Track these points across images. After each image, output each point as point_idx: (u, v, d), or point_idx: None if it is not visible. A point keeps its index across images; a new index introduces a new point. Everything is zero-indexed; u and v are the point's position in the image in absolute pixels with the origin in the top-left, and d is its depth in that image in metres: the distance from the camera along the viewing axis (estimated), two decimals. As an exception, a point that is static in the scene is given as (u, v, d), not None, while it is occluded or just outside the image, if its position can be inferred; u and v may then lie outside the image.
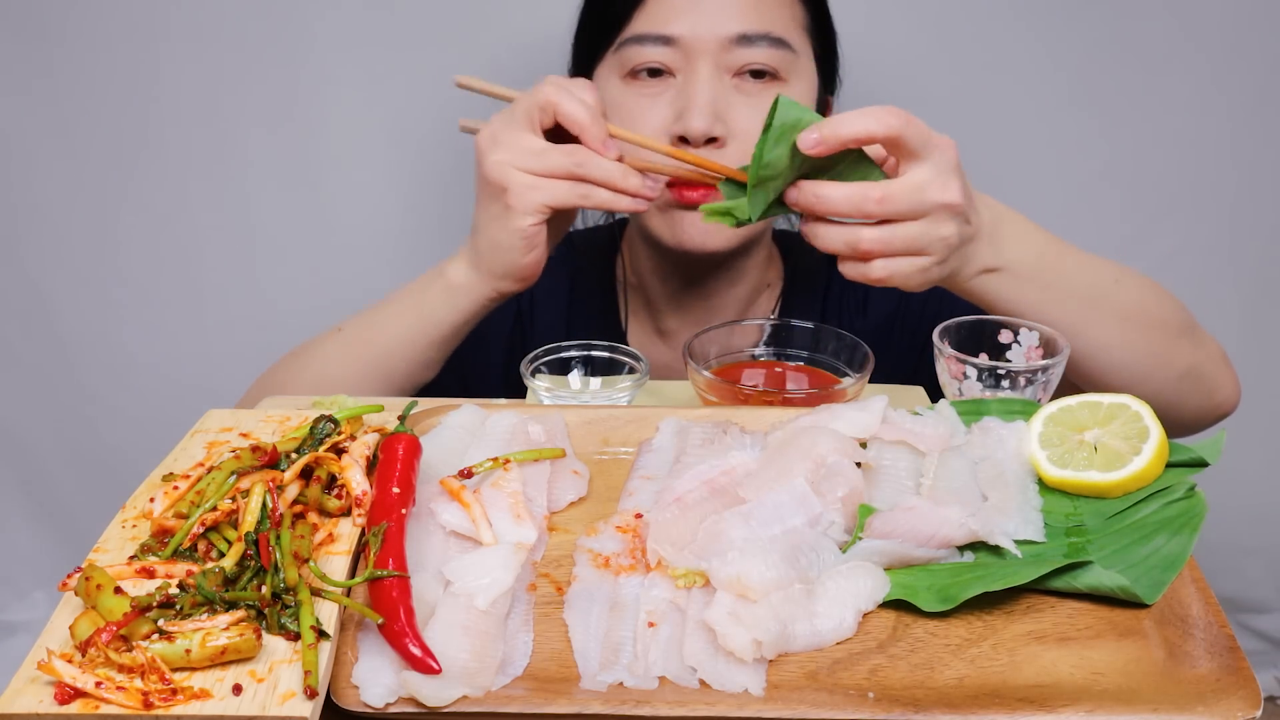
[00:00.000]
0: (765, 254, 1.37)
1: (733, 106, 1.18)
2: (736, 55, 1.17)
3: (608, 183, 1.01)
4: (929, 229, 0.91)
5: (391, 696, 0.64)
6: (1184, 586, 0.74)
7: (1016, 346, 1.01)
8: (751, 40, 1.17)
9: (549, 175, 1.01)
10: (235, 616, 0.65)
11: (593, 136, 1.00)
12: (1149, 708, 0.64)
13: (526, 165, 1.01)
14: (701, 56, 1.17)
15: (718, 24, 1.17)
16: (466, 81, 1.09)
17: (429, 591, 0.71)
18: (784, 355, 1.14)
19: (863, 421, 0.87)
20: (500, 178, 1.02)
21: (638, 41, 1.19)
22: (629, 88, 1.21)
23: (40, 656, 0.61)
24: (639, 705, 0.64)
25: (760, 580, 0.71)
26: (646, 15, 1.19)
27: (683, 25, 1.17)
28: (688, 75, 1.18)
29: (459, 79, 1.08)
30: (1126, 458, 0.82)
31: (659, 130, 1.19)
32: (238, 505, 0.75)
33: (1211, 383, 1.15)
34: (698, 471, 0.83)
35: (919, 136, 0.89)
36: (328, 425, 0.83)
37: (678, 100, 1.18)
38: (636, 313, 1.40)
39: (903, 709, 0.64)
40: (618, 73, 1.21)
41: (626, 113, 1.20)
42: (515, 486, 0.82)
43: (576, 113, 1.00)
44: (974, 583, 0.73)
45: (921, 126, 0.90)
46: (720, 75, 1.18)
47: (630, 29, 1.19)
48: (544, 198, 1.01)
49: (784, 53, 1.19)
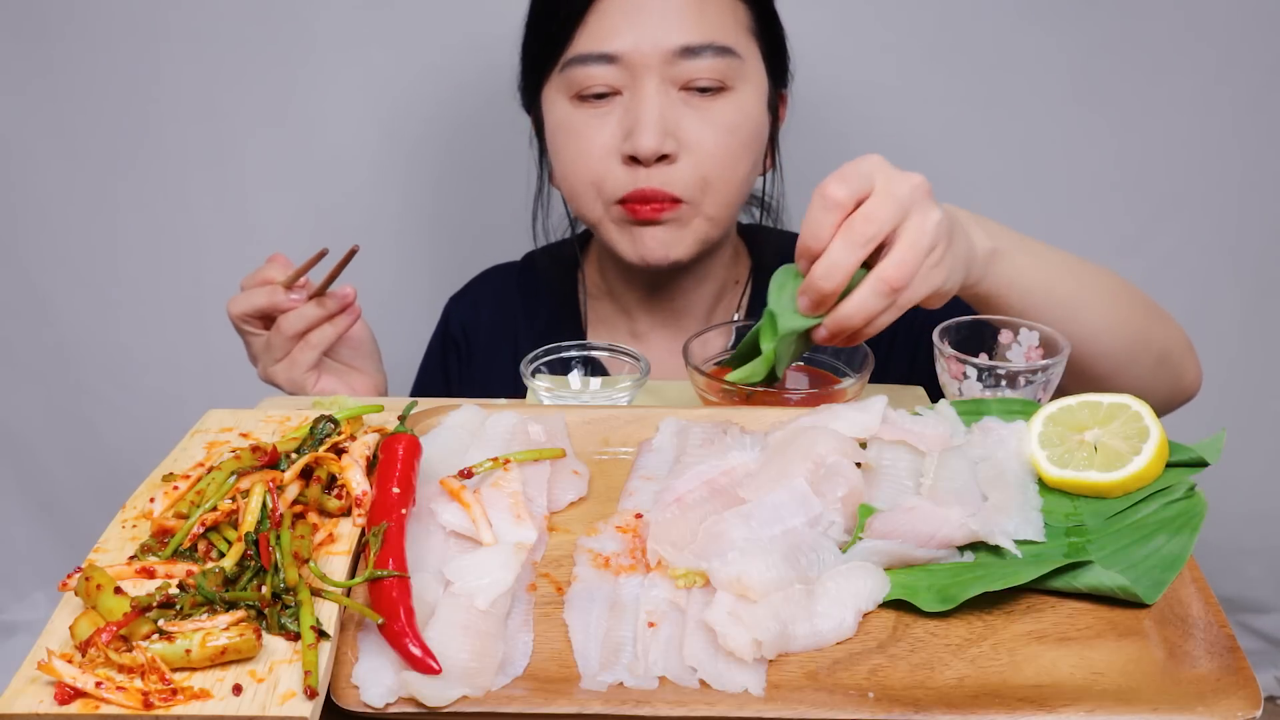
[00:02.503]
0: (731, 251, 1.38)
1: (682, 121, 1.18)
2: (682, 69, 1.16)
3: (309, 321, 1.14)
4: (919, 222, 0.90)
5: (391, 696, 0.64)
6: (1184, 586, 0.74)
7: (1016, 346, 1.01)
8: (696, 52, 1.16)
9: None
10: (235, 616, 0.65)
11: (279, 303, 1.14)
12: (1149, 708, 0.64)
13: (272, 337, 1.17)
14: (646, 72, 1.16)
15: (660, 37, 1.15)
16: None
17: (429, 591, 0.71)
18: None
19: (863, 421, 0.86)
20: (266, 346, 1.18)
21: (581, 62, 1.18)
22: (576, 110, 1.20)
23: (40, 656, 0.61)
24: (639, 705, 0.64)
25: (760, 580, 0.71)
26: (588, 34, 1.18)
27: (625, 41, 1.16)
28: (634, 93, 1.17)
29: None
30: (1126, 458, 0.82)
31: (609, 149, 1.19)
32: (238, 505, 0.75)
33: (1180, 366, 1.15)
34: (698, 471, 0.83)
35: (859, 177, 0.91)
36: (328, 425, 0.83)
37: (625, 119, 1.18)
38: (606, 320, 1.41)
39: (903, 709, 0.64)
40: (565, 94, 1.21)
41: (575, 135, 1.20)
42: (515, 486, 0.82)
43: (257, 302, 1.15)
44: (974, 583, 0.73)
45: (849, 171, 0.91)
46: (667, 90, 1.17)
47: (573, 49, 1.19)
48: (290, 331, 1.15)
49: (730, 60, 1.18)
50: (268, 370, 1.17)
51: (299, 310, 1.13)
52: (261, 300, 1.14)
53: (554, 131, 1.24)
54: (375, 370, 1.26)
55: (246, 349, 1.21)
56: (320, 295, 1.13)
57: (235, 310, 1.16)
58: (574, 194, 1.25)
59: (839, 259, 0.89)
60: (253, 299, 1.15)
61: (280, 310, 1.14)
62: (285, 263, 1.16)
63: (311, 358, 1.14)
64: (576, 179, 1.23)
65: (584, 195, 1.24)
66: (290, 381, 1.16)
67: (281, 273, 1.15)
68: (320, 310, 1.13)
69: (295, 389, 1.16)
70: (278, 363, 1.15)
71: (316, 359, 1.15)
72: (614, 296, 1.40)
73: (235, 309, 1.16)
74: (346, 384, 1.20)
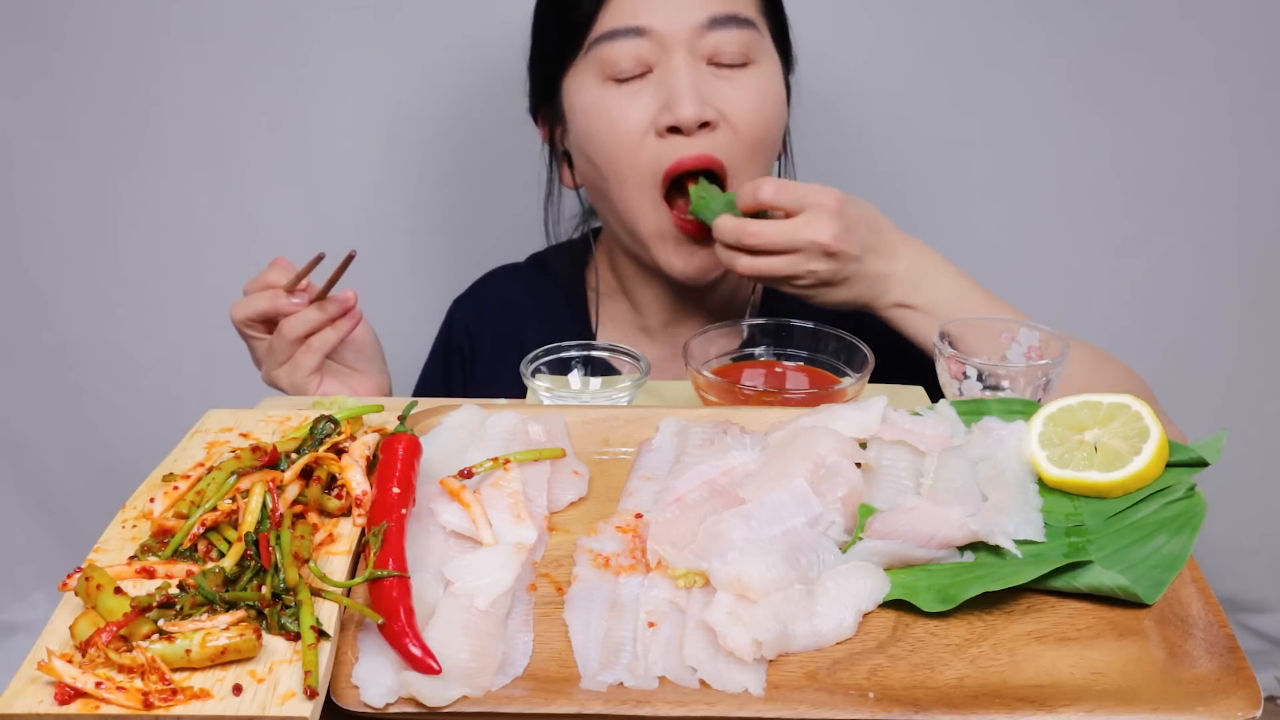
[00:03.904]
0: None
1: (717, 90, 1.19)
2: (708, 41, 1.18)
3: (311, 325, 1.15)
4: (798, 263, 1.11)
5: (391, 696, 0.64)
6: (1184, 586, 0.74)
7: (1016, 346, 1.01)
8: (721, 23, 1.18)
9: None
10: (235, 617, 0.65)
11: (280, 307, 1.15)
12: (1149, 708, 0.64)
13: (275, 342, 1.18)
14: (675, 45, 1.18)
15: (686, 8, 1.17)
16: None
17: (429, 591, 0.71)
18: (784, 355, 1.14)
19: (863, 421, 0.86)
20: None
21: (609, 38, 1.19)
22: (607, 89, 1.20)
23: (40, 656, 0.61)
24: (639, 705, 0.64)
25: (760, 580, 0.71)
26: (614, 10, 1.19)
27: (653, 15, 1.17)
28: (665, 66, 1.18)
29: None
30: (1126, 458, 0.82)
31: (645, 126, 1.19)
32: (238, 505, 0.75)
33: None
34: (698, 471, 0.83)
35: (790, 199, 1.11)
36: (328, 425, 0.83)
37: (660, 92, 1.18)
38: (615, 318, 1.41)
39: (903, 709, 0.64)
40: (594, 76, 1.21)
41: (609, 115, 1.20)
42: (515, 486, 0.82)
43: (259, 306, 1.15)
44: (974, 583, 0.73)
45: (794, 190, 1.12)
46: (697, 63, 1.19)
47: (599, 26, 1.19)
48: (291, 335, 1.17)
49: (752, 33, 1.21)
50: (271, 374, 1.18)
51: (300, 314, 1.13)
52: (263, 304, 1.15)
53: (585, 114, 1.23)
54: (378, 372, 1.26)
55: (250, 353, 1.21)
56: (321, 299, 1.14)
57: (238, 315, 1.17)
58: (614, 178, 1.24)
59: (740, 227, 1.13)
60: (254, 303, 1.15)
61: (282, 314, 1.14)
62: (287, 266, 1.16)
63: (313, 361, 1.14)
64: (616, 159, 1.22)
65: (627, 182, 1.23)
66: (293, 385, 1.16)
67: (283, 276, 1.15)
68: (322, 314, 1.14)
69: (298, 392, 1.16)
70: (280, 366, 1.16)
71: (319, 362, 1.15)
72: (628, 295, 1.40)
73: (238, 313, 1.17)
74: (349, 386, 1.20)
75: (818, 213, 1.11)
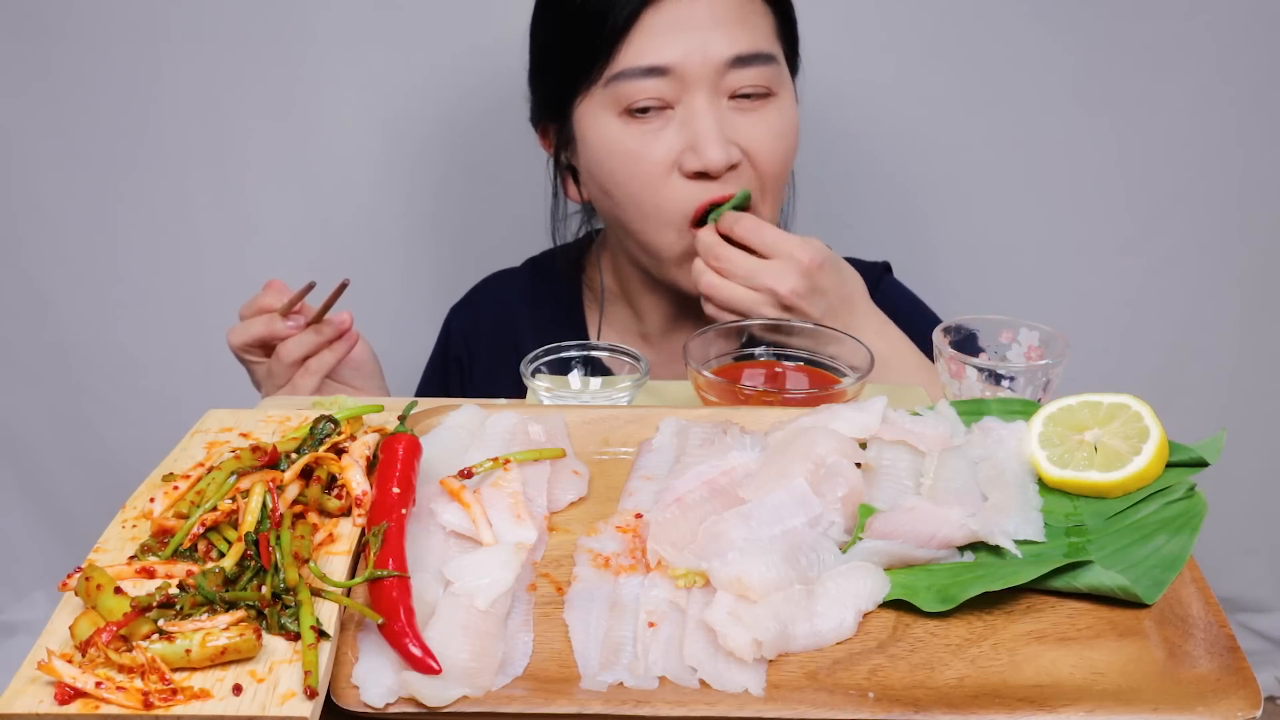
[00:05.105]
0: None
1: (739, 128, 1.18)
2: (731, 79, 1.17)
3: (308, 349, 1.16)
4: (753, 303, 1.13)
5: (391, 696, 0.64)
6: (1184, 586, 0.73)
7: (1016, 346, 1.01)
8: (746, 62, 1.17)
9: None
10: (235, 616, 0.65)
11: (276, 331, 1.16)
12: (1149, 708, 0.64)
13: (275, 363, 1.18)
14: (697, 84, 1.16)
15: (709, 47, 1.15)
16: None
17: (429, 591, 0.71)
18: (784, 355, 1.13)
19: (863, 421, 0.86)
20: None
21: (629, 76, 1.17)
22: (627, 126, 1.19)
23: (40, 656, 0.61)
24: (639, 705, 0.64)
25: (760, 580, 0.71)
26: (634, 47, 1.16)
27: (674, 52, 1.15)
28: (688, 106, 1.17)
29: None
30: (1126, 458, 0.82)
31: (668, 165, 1.18)
32: (238, 505, 0.75)
33: None
34: (698, 472, 0.83)
35: (762, 242, 1.13)
36: (328, 425, 0.83)
37: (682, 133, 1.17)
38: (615, 323, 1.41)
39: (903, 709, 0.64)
40: (611, 109, 1.19)
41: (631, 155, 1.19)
42: (515, 486, 0.82)
43: (256, 331, 1.17)
44: (974, 583, 0.73)
45: (770, 235, 1.13)
46: (718, 100, 1.18)
47: (618, 62, 1.17)
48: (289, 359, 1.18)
49: (773, 68, 1.19)
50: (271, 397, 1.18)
51: (297, 338, 1.14)
52: (260, 330, 1.15)
53: (603, 149, 1.22)
54: (378, 389, 1.26)
55: (250, 376, 1.22)
56: (317, 323, 1.14)
57: (235, 341, 1.17)
58: (635, 213, 1.23)
59: (716, 255, 1.15)
60: (251, 329, 1.16)
61: (279, 338, 1.15)
62: (281, 288, 1.17)
63: (312, 383, 1.15)
64: (638, 197, 1.21)
65: (650, 219, 1.22)
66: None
67: (278, 299, 1.16)
68: (318, 337, 1.14)
69: None
70: (280, 389, 1.16)
71: (318, 384, 1.16)
72: (629, 299, 1.39)
73: (235, 340, 1.17)
74: None
75: (786, 264, 1.11)
